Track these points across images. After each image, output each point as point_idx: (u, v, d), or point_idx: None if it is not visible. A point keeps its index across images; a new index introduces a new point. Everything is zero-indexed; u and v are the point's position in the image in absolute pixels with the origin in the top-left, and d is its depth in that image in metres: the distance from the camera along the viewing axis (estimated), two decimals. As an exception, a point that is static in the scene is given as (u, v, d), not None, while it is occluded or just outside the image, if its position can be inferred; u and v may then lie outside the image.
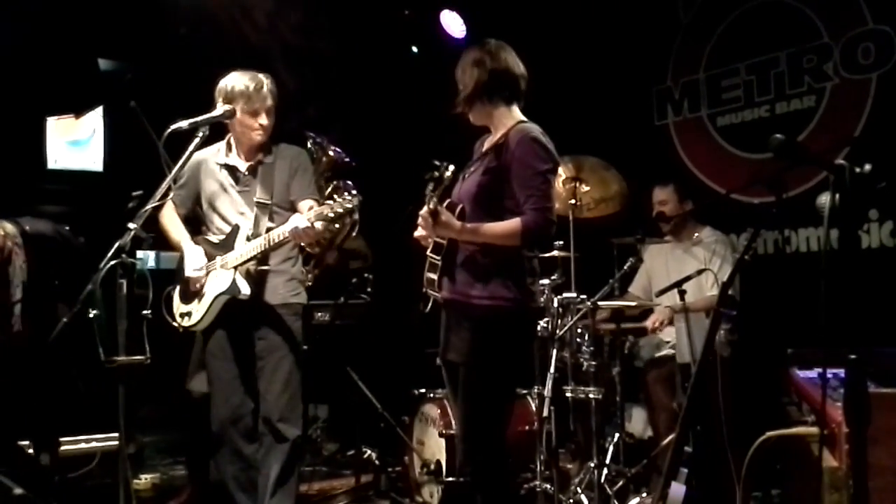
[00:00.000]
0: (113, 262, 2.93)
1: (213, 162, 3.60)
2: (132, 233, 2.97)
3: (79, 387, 4.69)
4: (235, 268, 3.40)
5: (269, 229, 3.40)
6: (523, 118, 3.04)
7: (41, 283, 4.57)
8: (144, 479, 4.86)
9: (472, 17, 5.86)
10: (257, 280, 3.44)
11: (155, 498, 4.68)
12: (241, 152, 3.58)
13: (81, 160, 6.32)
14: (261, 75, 3.50)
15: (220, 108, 3.39)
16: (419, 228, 2.98)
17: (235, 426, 3.46)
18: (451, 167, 2.84)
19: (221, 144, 3.62)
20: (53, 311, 4.46)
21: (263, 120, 3.48)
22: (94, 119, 6.39)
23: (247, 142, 3.54)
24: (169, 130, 3.10)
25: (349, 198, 3.12)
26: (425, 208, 2.87)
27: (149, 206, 3.05)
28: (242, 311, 3.45)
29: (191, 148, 3.23)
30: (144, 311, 3.17)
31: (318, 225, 3.17)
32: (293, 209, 3.51)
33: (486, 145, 3.08)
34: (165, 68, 5.75)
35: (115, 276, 2.98)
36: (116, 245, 2.94)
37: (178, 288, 3.60)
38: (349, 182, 4.01)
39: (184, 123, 3.17)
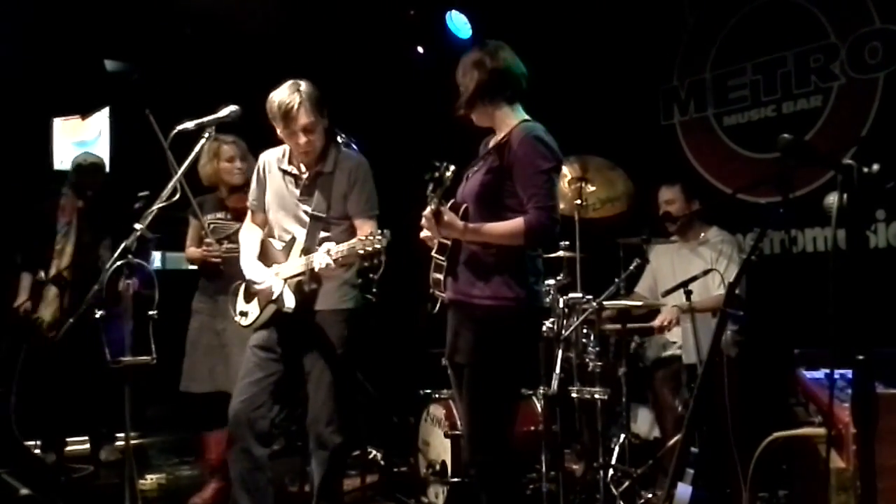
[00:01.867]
0: (119, 263, 2.94)
1: (276, 167, 3.61)
2: (138, 233, 2.97)
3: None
4: (286, 280, 3.43)
5: (322, 242, 3.38)
6: (526, 117, 3.03)
7: None
8: (150, 480, 4.88)
9: (477, 17, 5.85)
10: (308, 289, 3.45)
11: (161, 498, 4.69)
12: (301, 161, 3.56)
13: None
14: (298, 90, 3.41)
15: (226, 110, 3.38)
16: (423, 229, 2.98)
17: (251, 425, 3.43)
18: (452, 167, 2.80)
19: (286, 148, 3.60)
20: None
21: (301, 139, 3.42)
22: (101, 120, 6.41)
23: (299, 155, 3.54)
24: (175, 131, 3.10)
25: (379, 238, 3.13)
26: (428, 209, 2.86)
27: (155, 207, 3.05)
28: (293, 317, 3.46)
29: (196, 149, 3.23)
30: (151, 312, 3.17)
31: (343, 257, 3.22)
32: (351, 221, 3.53)
33: (491, 144, 3.07)
34: (171, 69, 5.76)
35: (122, 277, 2.99)
36: (122, 245, 2.95)
37: (243, 285, 3.65)
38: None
39: (190, 124, 3.17)
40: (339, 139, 3.96)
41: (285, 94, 3.41)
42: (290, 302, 3.42)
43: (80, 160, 5.25)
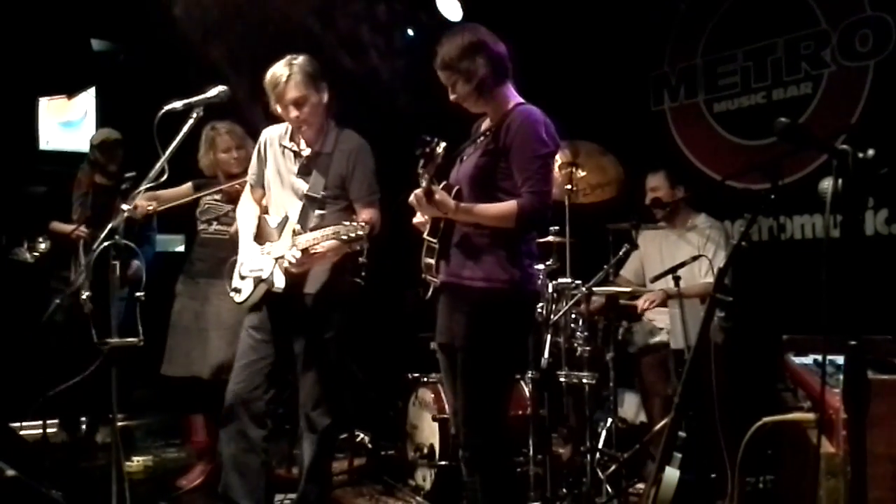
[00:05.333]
0: (106, 244, 2.91)
1: (278, 143, 3.58)
2: (125, 214, 2.95)
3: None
4: (276, 259, 3.41)
5: (319, 220, 3.41)
6: (521, 99, 3.00)
7: None
8: (137, 462, 4.87)
9: (467, 0, 5.81)
10: (297, 270, 3.42)
11: (147, 480, 4.67)
12: (302, 138, 3.54)
13: (74, 141, 6.29)
14: (292, 63, 3.40)
15: (215, 90, 3.34)
16: (415, 214, 2.95)
17: (246, 406, 3.43)
18: (443, 143, 2.77)
19: (288, 125, 3.57)
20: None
21: (293, 113, 3.40)
22: (87, 100, 6.36)
23: (296, 130, 3.52)
24: (163, 111, 3.07)
25: (362, 224, 3.15)
26: (420, 188, 2.85)
27: (142, 188, 3.02)
28: (285, 297, 3.44)
29: (185, 129, 3.19)
30: (137, 293, 3.15)
31: (327, 244, 3.26)
32: (349, 200, 3.51)
33: (484, 126, 3.05)
34: (159, 48, 5.70)
35: (108, 258, 2.96)
36: (109, 226, 2.92)
37: (238, 263, 3.63)
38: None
39: (178, 104, 3.13)
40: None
41: (277, 68, 3.41)
42: (279, 282, 3.41)
43: (102, 137, 5.19)
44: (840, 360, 1.97)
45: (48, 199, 5.25)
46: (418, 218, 2.99)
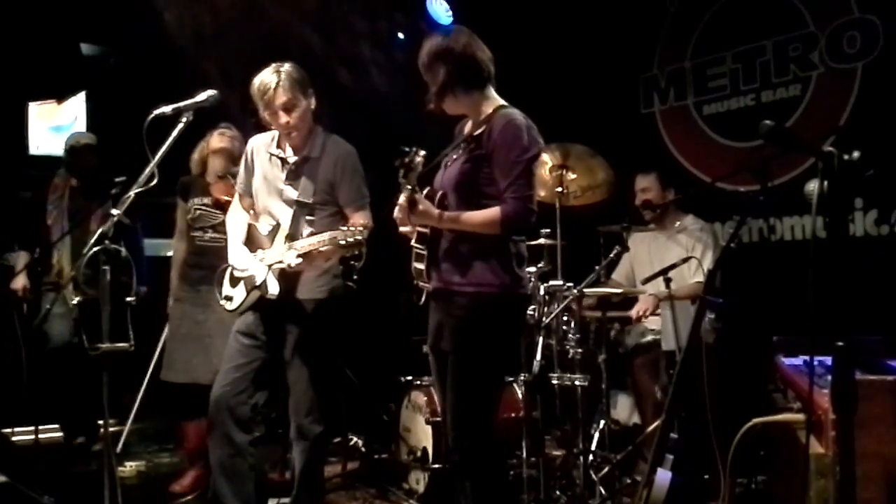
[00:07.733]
0: (96, 249, 2.91)
1: (265, 151, 3.58)
2: (115, 219, 2.94)
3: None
4: (269, 266, 3.40)
5: (309, 226, 3.41)
6: (502, 102, 3.00)
7: None
8: (130, 467, 4.86)
9: (458, 3, 5.83)
10: (290, 276, 3.41)
11: (140, 485, 4.66)
12: (289, 145, 3.54)
13: (63, 146, 6.26)
14: (279, 70, 3.40)
15: (204, 94, 3.33)
16: (398, 220, 2.95)
17: (231, 411, 3.40)
18: (422, 152, 2.77)
19: (275, 133, 3.57)
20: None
21: (283, 118, 3.40)
22: (77, 105, 6.34)
23: (284, 136, 3.52)
24: (152, 116, 3.06)
25: (361, 229, 3.12)
26: (402, 197, 2.84)
27: (132, 192, 3.01)
28: (275, 303, 3.44)
29: (174, 134, 3.19)
30: (128, 298, 3.15)
31: (325, 249, 3.22)
32: (339, 206, 3.51)
33: (467, 131, 3.04)
34: (149, 53, 5.70)
35: (99, 263, 2.96)
36: (100, 231, 2.92)
37: (229, 270, 3.62)
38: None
39: (167, 109, 3.12)
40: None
41: (265, 75, 3.41)
42: (273, 288, 3.40)
43: (72, 142, 5.18)
44: (829, 360, 1.98)
45: (32, 204, 5.23)
46: (404, 228, 2.99)
